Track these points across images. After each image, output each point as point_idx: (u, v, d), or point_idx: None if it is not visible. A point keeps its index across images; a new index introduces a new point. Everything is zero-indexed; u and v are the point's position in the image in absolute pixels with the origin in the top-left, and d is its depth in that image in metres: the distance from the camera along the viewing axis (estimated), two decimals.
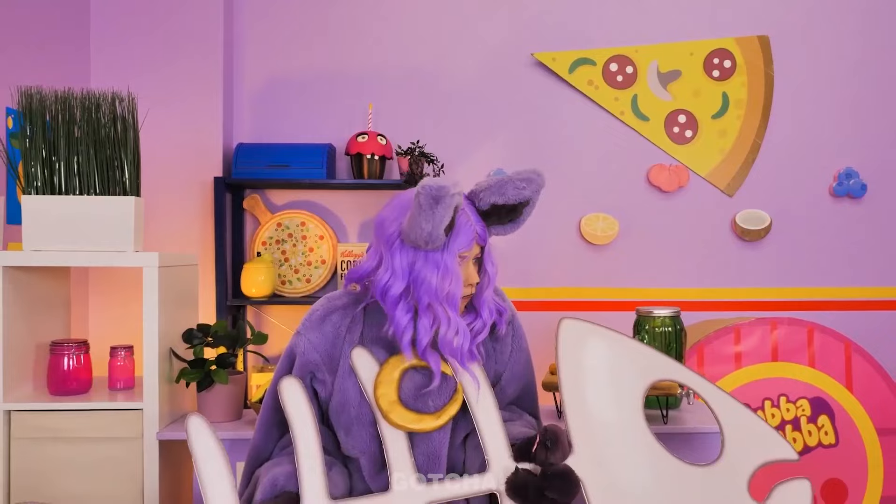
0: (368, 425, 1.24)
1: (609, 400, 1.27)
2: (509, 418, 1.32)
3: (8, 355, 1.73)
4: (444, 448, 1.25)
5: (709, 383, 1.29)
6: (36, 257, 1.74)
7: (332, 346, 1.27)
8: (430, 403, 1.23)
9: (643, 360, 1.29)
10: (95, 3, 2.68)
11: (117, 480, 1.75)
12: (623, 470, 1.24)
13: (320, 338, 1.27)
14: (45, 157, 1.73)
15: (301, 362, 1.28)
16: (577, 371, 1.26)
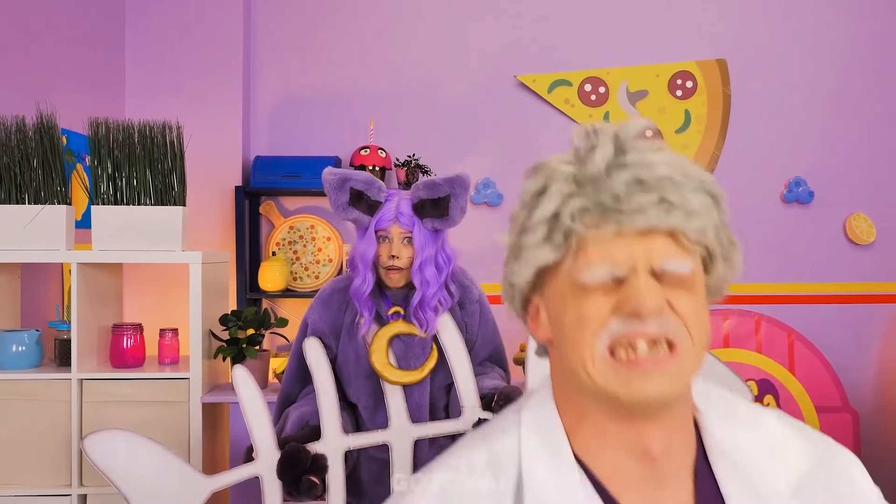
0: (364, 378, 1.76)
1: None
2: (482, 372, 1.83)
3: (79, 336, 2.25)
4: (425, 397, 1.76)
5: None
6: (104, 255, 2.26)
7: (335, 318, 1.78)
8: (412, 363, 1.74)
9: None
10: (130, 31, 3.19)
11: (168, 435, 2.26)
12: None
13: (326, 312, 1.79)
14: (110, 174, 2.25)
15: (312, 331, 1.79)
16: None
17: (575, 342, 0.67)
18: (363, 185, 1.71)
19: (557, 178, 0.68)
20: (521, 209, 0.71)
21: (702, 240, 0.68)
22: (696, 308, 0.67)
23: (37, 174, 2.22)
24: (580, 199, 0.66)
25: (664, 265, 0.65)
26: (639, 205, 0.64)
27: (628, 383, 0.65)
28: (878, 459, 3.29)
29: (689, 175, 0.67)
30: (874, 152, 3.38)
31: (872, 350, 3.37)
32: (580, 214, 0.66)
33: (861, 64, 3.38)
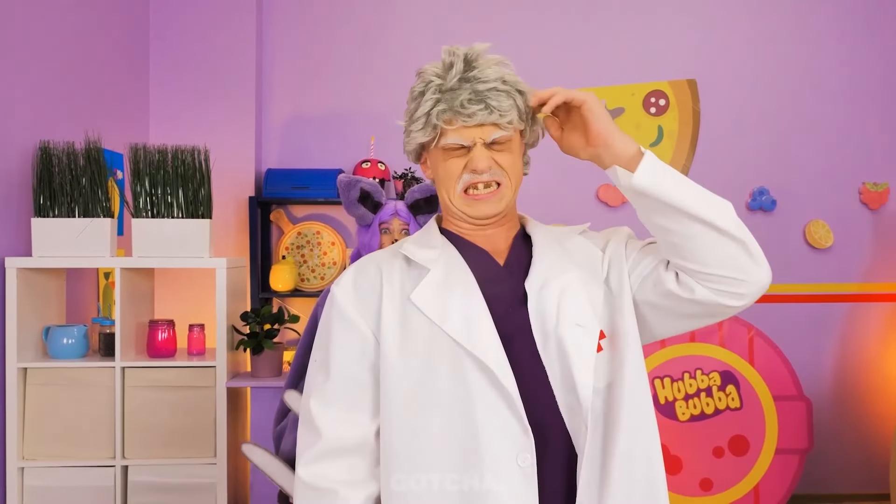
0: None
1: None
2: None
3: (122, 330, 2.72)
4: None
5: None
6: (143, 262, 2.74)
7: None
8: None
9: None
10: (154, 55, 3.66)
11: (196, 415, 2.74)
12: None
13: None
14: (148, 191, 2.72)
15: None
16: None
17: (445, 185, 1.20)
18: (370, 187, 2.23)
19: (430, 88, 1.18)
20: (410, 102, 1.24)
21: (513, 123, 1.16)
22: (513, 161, 1.19)
23: (85, 191, 2.70)
24: (441, 104, 1.16)
25: (491, 138, 1.16)
26: (473, 111, 1.14)
27: (474, 208, 1.19)
28: (830, 444, 3.77)
29: (507, 83, 1.16)
30: (832, 164, 3.83)
31: (828, 345, 3.83)
32: (441, 115, 1.16)
33: (820, 83, 3.83)
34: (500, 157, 1.17)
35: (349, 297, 1.20)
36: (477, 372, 1.11)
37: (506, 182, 1.18)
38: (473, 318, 1.14)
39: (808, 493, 3.68)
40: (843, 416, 3.80)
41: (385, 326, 1.16)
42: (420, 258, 1.20)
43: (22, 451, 2.66)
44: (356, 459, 1.16)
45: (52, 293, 2.83)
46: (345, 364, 1.17)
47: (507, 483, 1.08)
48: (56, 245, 2.67)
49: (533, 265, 1.20)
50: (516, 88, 1.17)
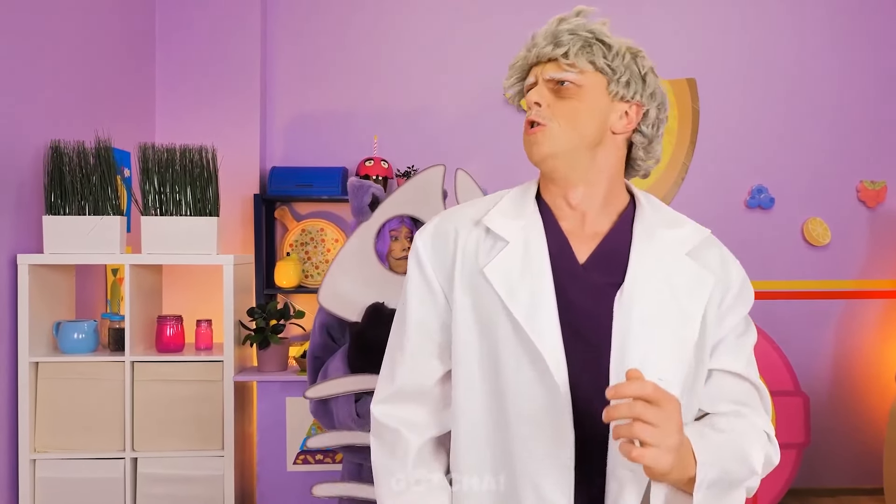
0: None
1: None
2: None
3: (131, 325, 2.80)
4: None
5: None
6: (152, 258, 2.81)
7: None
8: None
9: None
10: (160, 55, 3.73)
11: (204, 409, 2.82)
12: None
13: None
14: (156, 189, 2.79)
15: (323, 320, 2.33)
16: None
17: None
18: (381, 193, 2.29)
19: (526, 46, 1.23)
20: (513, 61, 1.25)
21: (578, 66, 1.13)
22: (574, 110, 1.13)
23: (96, 189, 2.77)
24: (528, 52, 1.21)
25: (548, 76, 1.15)
26: (539, 45, 1.17)
27: (526, 148, 1.18)
28: (827, 439, 3.83)
29: (591, 32, 1.16)
30: (830, 162, 3.90)
31: (826, 342, 3.90)
32: (524, 59, 1.21)
33: (817, 82, 3.90)
34: (560, 103, 1.14)
35: (427, 250, 1.20)
36: (529, 363, 1.09)
37: (554, 126, 1.13)
38: (539, 306, 1.10)
39: (805, 487, 3.76)
40: (839, 411, 3.88)
41: (457, 297, 1.16)
42: (500, 229, 1.16)
43: (34, 443, 2.73)
44: (420, 405, 1.20)
45: (62, 289, 2.91)
46: (419, 313, 1.20)
47: (543, 477, 1.09)
48: (67, 242, 2.74)
49: (625, 284, 1.11)
50: (597, 38, 1.15)
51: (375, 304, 2.20)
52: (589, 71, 1.14)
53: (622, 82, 1.15)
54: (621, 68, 1.16)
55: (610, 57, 1.15)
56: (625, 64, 1.16)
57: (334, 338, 2.30)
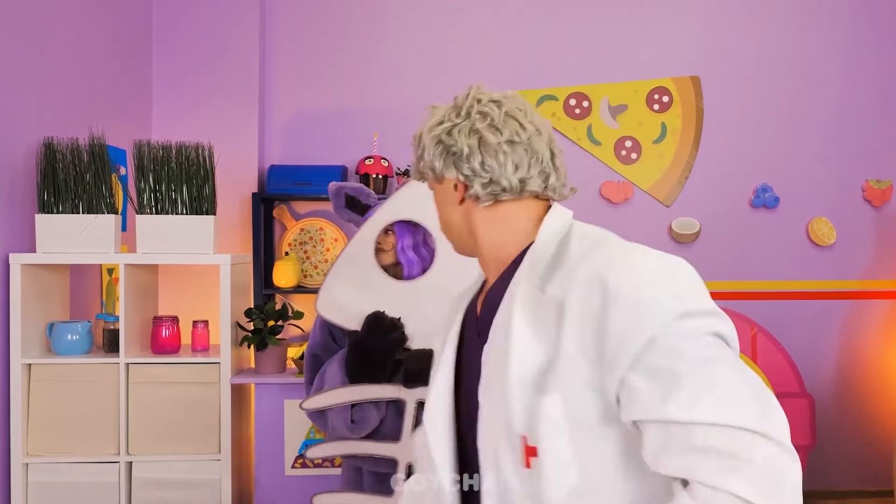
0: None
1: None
2: None
3: (126, 326, 2.73)
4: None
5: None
6: (147, 258, 2.74)
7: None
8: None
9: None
10: (157, 51, 3.66)
11: (201, 411, 2.75)
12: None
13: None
14: (152, 187, 2.73)
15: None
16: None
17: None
18: (353, 191, 2.25)
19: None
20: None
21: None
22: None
23: (89, 187, 2.70)
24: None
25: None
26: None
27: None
28: (833, 441, 3.77)
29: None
30: (835, 162, 3.84)
31: (830, 342, 3.84)
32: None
33: (823, 80, 3.84)
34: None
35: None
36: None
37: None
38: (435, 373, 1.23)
39: (811, 489, 3.69)
40: (845, 412, 3.82)
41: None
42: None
43: (26, 446, 2.67)
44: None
45: (56, 289, 2.84)
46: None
47: None
48: (60, 241, 2.68)
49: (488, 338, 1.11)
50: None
51: (376, 313, 2.13)
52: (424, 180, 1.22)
53: (426, 172, 1.19)
54: (420, 163, 1.20)
55: (418, 160, 1.21)
56: (420, 157, 1.20)
57: (335, 337, 2.25)
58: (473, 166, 1.11)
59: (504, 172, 1.11)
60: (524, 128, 1.13)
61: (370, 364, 2.08)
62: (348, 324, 2.15)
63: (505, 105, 1.14)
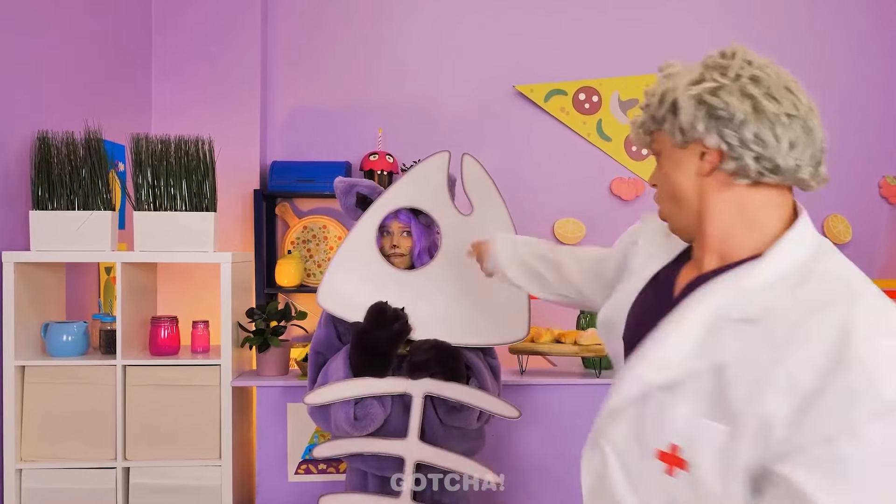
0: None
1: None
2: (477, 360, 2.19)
3: (123, 327, 2.61)
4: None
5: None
6: (145, 256, 2.61)
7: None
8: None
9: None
10: (157, 45, 3.54)
11: (201, 415, 2.62)
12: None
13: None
14: (150, 182, 2.60)
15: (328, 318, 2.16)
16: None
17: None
18: (367, 190, 2.13)
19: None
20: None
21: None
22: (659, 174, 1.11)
23: (85, 183, 2.58)
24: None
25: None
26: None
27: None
28: None
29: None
30: (851, 158, 3.71)
31: None
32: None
33: (839, 76, 3.71)
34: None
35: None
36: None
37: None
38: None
39: None
40: None
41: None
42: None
43: (20, 452, 2.55)
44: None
45: (51, 288, 2.72)
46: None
47: None
48: (55, 239, 2.56)
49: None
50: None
51: (379, 304, 2.05)
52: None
53: (673, 133, 1.05)
54: (666, 122, 1.07)
55: (660, 119, 1.09)
56: (664, 116, 1.07)
57: (340, 333, 2.14)
58: (744, 135, 0.96)
59: (779, 149, 0.96)
60: (801, 102, 0.99)
61: (374, 356, 1.99)
62: (351, 315, 2.06)
63: (779, 73, 1.00)
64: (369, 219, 2.11)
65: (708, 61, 1.02)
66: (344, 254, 2.10)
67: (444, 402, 2.03)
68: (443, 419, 2.06)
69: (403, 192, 2.11)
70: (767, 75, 0.98)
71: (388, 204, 2.11)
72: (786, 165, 0.96)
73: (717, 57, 1.02)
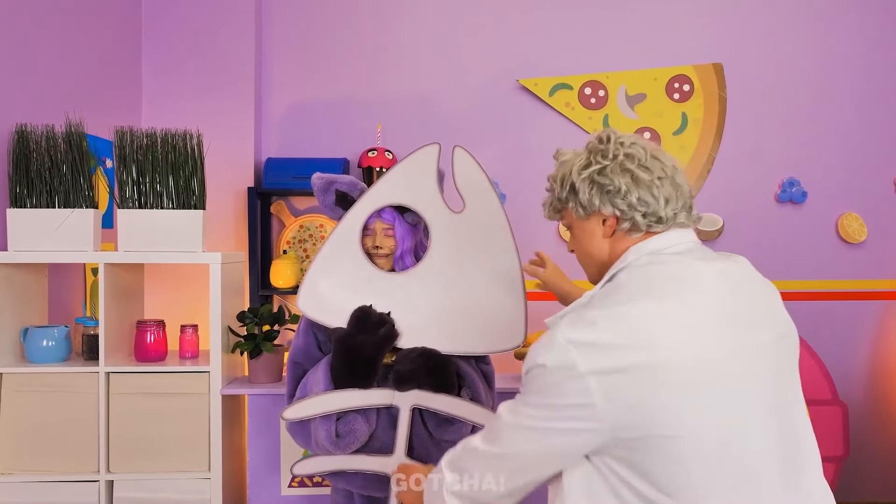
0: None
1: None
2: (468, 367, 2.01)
3: (106, 331, 2.43)
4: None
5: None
6: (129, 256, 2.44)
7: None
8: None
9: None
10: (147, 37, 3.36)
11: (189, 425, 2.45)
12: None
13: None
14: (135, 179, 2.43)
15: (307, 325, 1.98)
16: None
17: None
18: (347, 187, 1.96)
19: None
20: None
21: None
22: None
23: (66, 180, 2.40)
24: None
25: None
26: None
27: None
28: (867, 451, 3.48)
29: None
30: (866, 154, 3.54)
31: (863, 345, 3.54)
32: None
33: (853, 69, 3.54)
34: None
35: None
36: None
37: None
38: None
39: (846, 502, 3.40)
40: (880, 420, 3.51)
41: None
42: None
43: None
44: None
45: (31, 291, 2.54)
46: None
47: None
48: (34, 238, 2.39)
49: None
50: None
51: (363, 308, 1.87)
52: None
53: (576, 210, 1.29)
54: (570, 202, 1.30)
55: (565, 200, 1.32)
56: (567, 197, 1.30)
57: (320, 343, 1.97)
58: (631, 201, 1.20)
59: (659, 205, 1.21)
60: (666, 164, 1.24)
61: (358, 364, 1.82)
62: (334, 321, 1.88)
63: (645, 146, 1.25)
64: (353, 217, 1.93)
65: (590, 146, 1.27)
66: (326, 255, 1.93)
67: (433, 414, 1.86)
68: (433, 433, 1.88)
69: (389, 188, 1.94)
70: (637, 151, 1.23)
71: (373, 201, 1.94)
72: (666, 216, 1.21)
73: (597, 143, 1.27)
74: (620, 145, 1.22)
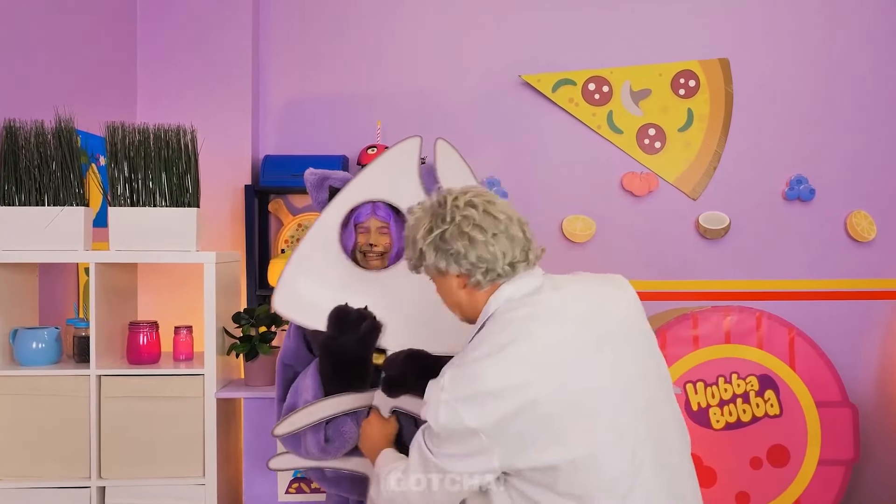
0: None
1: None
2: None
3: (98, 333, 2.35)
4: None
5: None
6: (121, 255, 2.36)
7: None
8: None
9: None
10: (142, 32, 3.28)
11: (183, 429, 2.37)
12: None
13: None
14: (127, 176, 2.34)
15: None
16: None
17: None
18: (341, 183, 1.87)
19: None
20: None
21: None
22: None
23: (56, 177, 2.32)
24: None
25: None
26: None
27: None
28: (878, 454, 3.39)
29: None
30: (875, 151, 3.45)
31: (873, 346, 3.45)
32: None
33: (862, 63, 3.45)
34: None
35: None
36: None
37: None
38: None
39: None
40: (891, 423, 3.42)
41: None
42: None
43: None
44: None
45: (22, 291, 2.46)
46: None
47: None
48: (23, 237, 2.31)
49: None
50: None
51: (339, 307, 1.79)
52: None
53: (430, 270, 1.44)
54: (422, 265, 1.45)
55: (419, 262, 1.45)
56: (419, 260, 1.43)
57: (310, 343, 1.90)
58: (471, 260, 1.34)
59: (497, 261, 1.34)
60: (499, 220, 1.35)
61: (346, 366, 1.76)
62: (312, 322, 1.82)
63: (478, 204, 1.35)
64: (331, 214, 1.86)
65: (432, 210, 1.38)
66: (304, 253, 1.85)
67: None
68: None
69: (369, 183, 1.87)
70: (471, 212, 1.33)
71: (352, 197, 1.87)
72: (504, 271, 1.35)
73: (437, 206, 1.37)
74: (456, 208, 1.34)
